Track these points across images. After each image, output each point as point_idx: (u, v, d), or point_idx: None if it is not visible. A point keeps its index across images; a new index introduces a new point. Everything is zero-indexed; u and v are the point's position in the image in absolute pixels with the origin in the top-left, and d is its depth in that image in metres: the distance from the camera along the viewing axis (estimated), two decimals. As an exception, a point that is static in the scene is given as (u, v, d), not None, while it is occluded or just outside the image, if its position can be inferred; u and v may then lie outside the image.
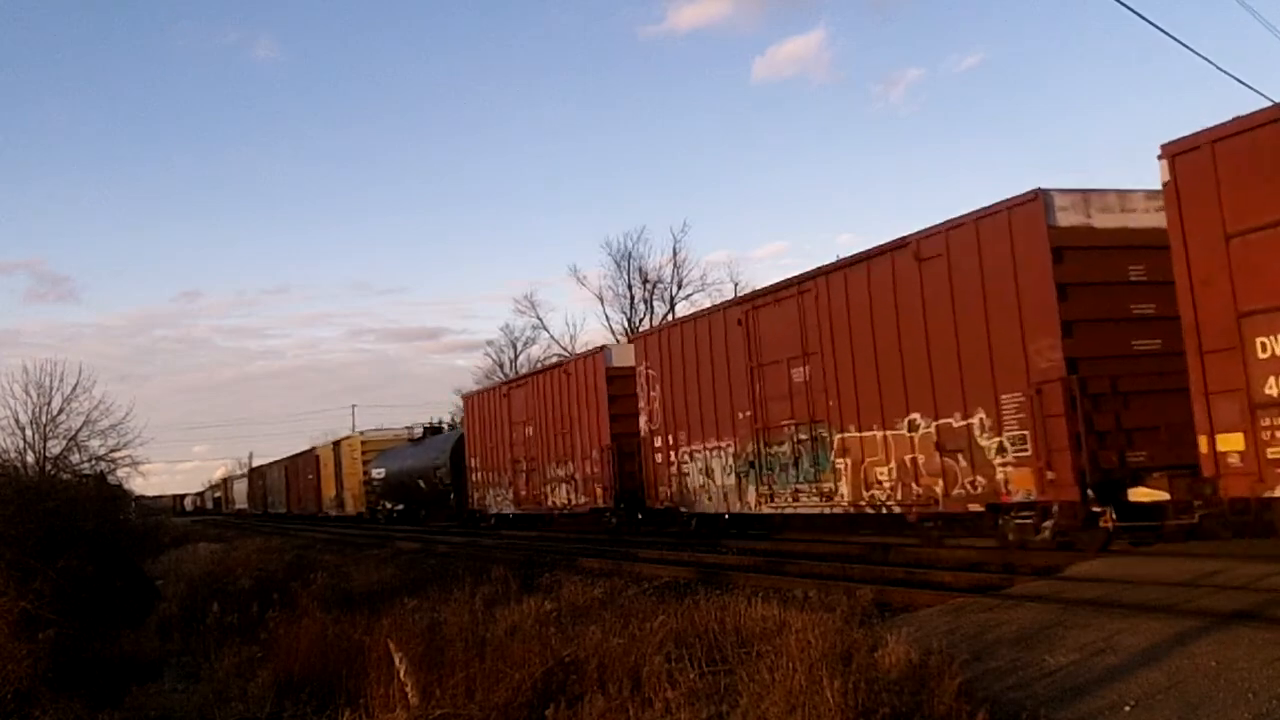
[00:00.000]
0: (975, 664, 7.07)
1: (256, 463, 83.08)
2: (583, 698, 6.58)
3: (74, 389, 29.67)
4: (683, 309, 45.50)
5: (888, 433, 13.30)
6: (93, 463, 28.58)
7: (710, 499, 17.38)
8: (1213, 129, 8.84)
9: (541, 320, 53.88)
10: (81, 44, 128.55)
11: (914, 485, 12.88)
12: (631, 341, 21.73)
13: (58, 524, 11.24)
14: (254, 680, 9.03)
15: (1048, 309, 10.99)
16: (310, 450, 51.98)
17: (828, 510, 14.78)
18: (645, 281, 48.02)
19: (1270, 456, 8.25)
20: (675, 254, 47.66)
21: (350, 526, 40.93)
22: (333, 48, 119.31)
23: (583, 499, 21.95)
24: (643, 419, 19.31)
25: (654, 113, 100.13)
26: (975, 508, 12.08)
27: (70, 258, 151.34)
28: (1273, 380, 8.28)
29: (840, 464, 14.29)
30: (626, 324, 47.53)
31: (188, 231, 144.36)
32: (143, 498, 42.77)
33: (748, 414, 16.19)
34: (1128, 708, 5.83)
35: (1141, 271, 10.98)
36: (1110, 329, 10.99)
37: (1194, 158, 8.96)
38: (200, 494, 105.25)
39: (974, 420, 11.95)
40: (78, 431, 29.38)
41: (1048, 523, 11.37)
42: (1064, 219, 11.20)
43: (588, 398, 21.52)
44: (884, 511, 13.62)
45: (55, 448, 28.80)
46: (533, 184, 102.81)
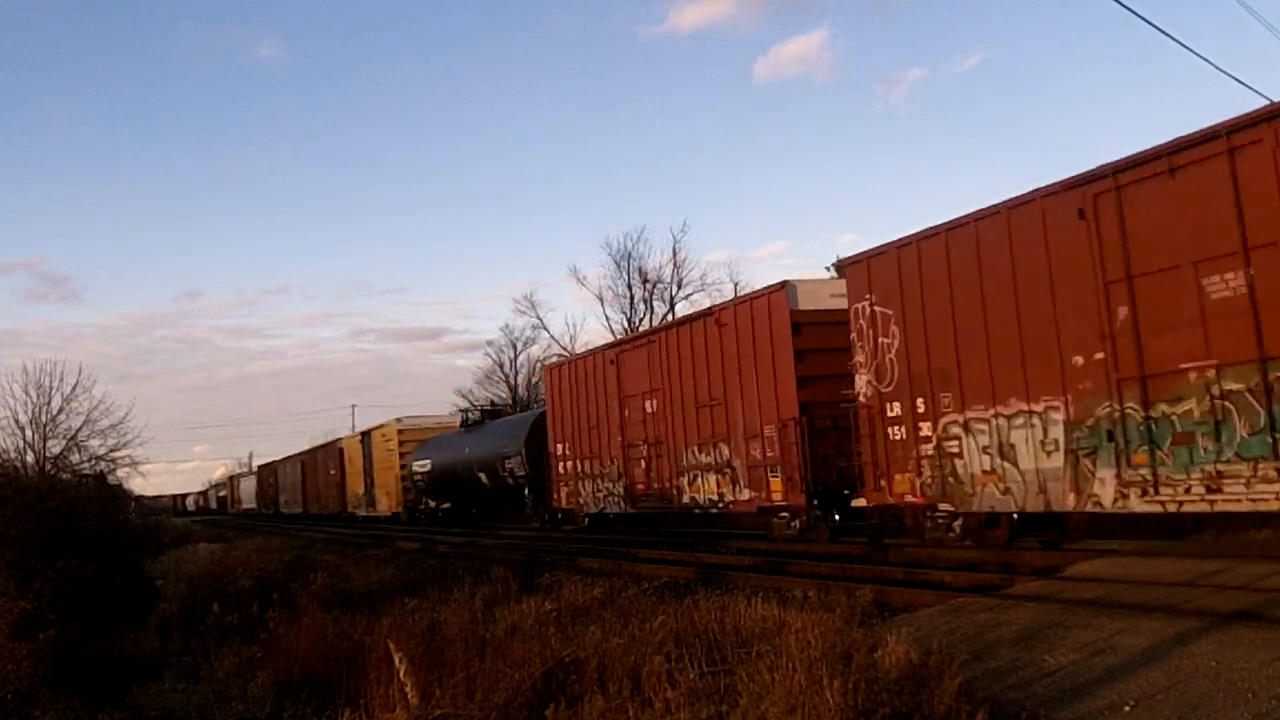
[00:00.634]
0: (975, 664, 7.07)
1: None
2: (583, 698, 6.58)
3: (74, 389, 29.81)
4: (682, 309, 45.39)
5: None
6: (92, 463, 28.70)
7: (1009, 490, 11.47)
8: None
9: (541, 320, 53.84)
10: (82, 44, 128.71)
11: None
12: (841, 268, 15.32)
13: (58, 524, 11.25)
14: (254, 680, 9.04)
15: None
16: (333, 443, 46.94)
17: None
18: (645, 281, 48.04)
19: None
20: (675, 254, 47.60)
21: (352, 526, 39.42)
22: (333, 48, 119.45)
23: (745, 494, 16.35)
24: (863, 378, 13.55)
25: (654, 113, 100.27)
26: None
27: (71, 258, 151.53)
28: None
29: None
30: (626, 324, 47.57)
31: (188, 231, 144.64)
32: (142, 498, 42.77)
33: (1099, 356, 10.44)
34: (1128, 708, 5.83)
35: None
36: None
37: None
38: (203, 493, 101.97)
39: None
40: (77, 431, 29.50)
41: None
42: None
43: (758, 354, 15.85)
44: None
45: (55, 447, 28.91)
46: (533, 184, 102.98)
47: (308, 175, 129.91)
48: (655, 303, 48.08)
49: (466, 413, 35.09)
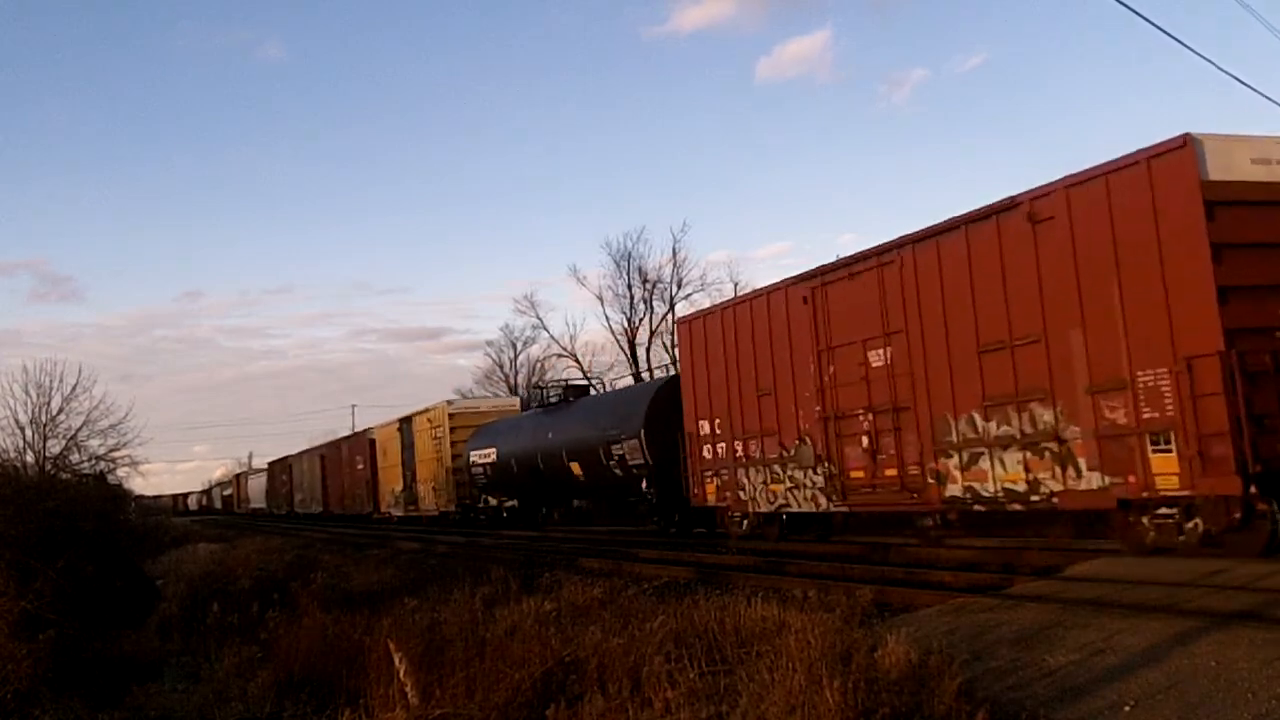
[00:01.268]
0: (975, 664, 7.07)
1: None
2: (583, 698, 6.59)
3: (74, 389, 29.74)
4: (682, 309, 45.38)
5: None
6: (92, 462, 28.64)
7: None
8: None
9: (541, 320, 53.70)
10: (85, 45, 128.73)
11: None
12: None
13: (58, 524, 11.26)
14: (254, 680, 9.05)
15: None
16: (363, 433, 41.88)
17: None
18: (645, 282, 47.92)
19: None
20: (675, 254, 47.42)
21: (357, 527, 37.18)
22: (334, 48, 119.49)
23: (1087, 479, 10.79)
24: None
25: (654, 113, 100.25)
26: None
27: (73, 258, 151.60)
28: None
29: None
30: (626, 324, 47.52)
31: (190, 231, 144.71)
32: (143, 497, 42.70)
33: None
34: (1127, 708, 5.83)
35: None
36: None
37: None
38: (206, 492, 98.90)
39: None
40: (77, 431, 29.44)
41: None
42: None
43: (1122, 257, 10.34)
44: None
45: (55, 447, 28.85)
46: (533, 184, 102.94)
47: (309, 175, 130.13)
48: (655, 303, 48.05)
49: (542, 389, 29.40)
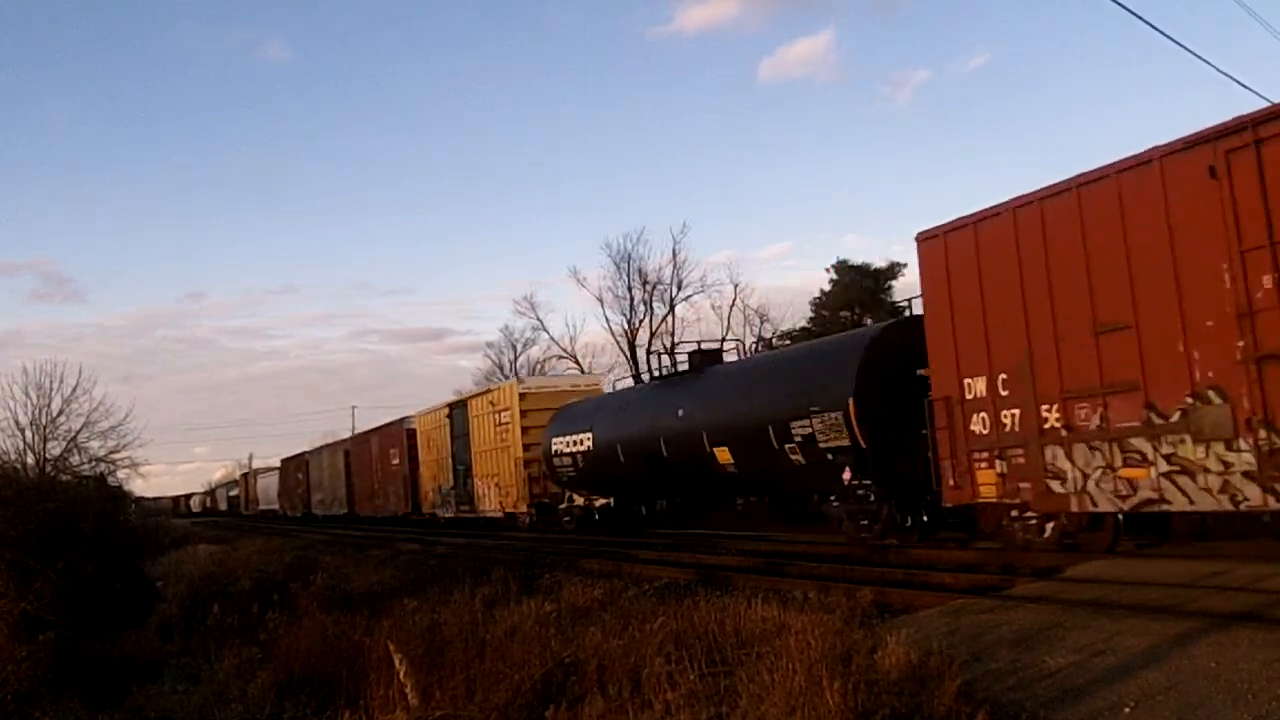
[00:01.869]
0: (975, 665, 7.07)
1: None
2: (583, 699, 6.59)
3: (74, 390, 29.71)
4: (682, 311, 45.30)
5: None
6: (92, 464, 28.64)
7: None
8: None
9: (541, 321, 53.64)
10: (86, 45, 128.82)
11: None
12: None
13: (58, 525, 11.27)
14: (254, 681, 9.04)
15: None
16: (397, 423, 36.50)
17: None
18: (645, 283, 47.90)
19: None
20: (675, 255, 47.29)
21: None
22: (336, 48, 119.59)
23: None
24: None
25: (656, 113, 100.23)
26: None
27: (75, 258, 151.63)
28: None
29: None
30: (626, 325, 47.46)
31: (193, 232, 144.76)
32: (143, 499, 42.68)
33: None
34: (1127, 709, 5.83)
35: None
36: None
37: None
38: (210, 493, 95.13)
39: None
40: (77, 433, 29.43)
41: None
42: None
43: None
44: None
45: (55, 449, 28.84)
46: (533, 184, 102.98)
47: (310, 175, 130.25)
48: (655, 304, 47.96)
49: (667, 353, 21.53)
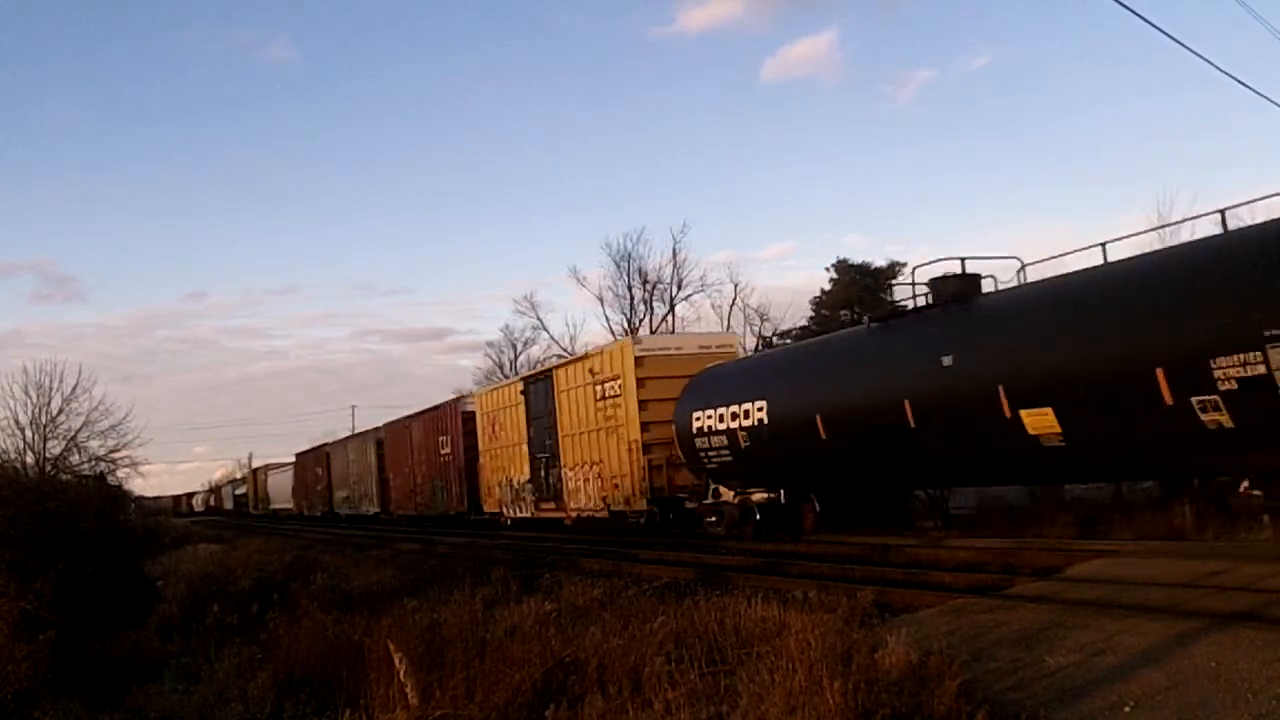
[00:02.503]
0: (975, 664, 7.06)
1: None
2: (583, 698, 6.59)
3: (74, 390, 29.80)
4: (682, 310, 45.34)
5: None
6: (92, 463, 28.67)
7: None
8: None
9: (541, 321, 53.49)
10: (88, 45, 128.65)
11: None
12: None
13: (58, 525, 11.25)
14: (254, 681, 9.04)
15: None
16: (451, 404, 30.71)
17: None
18: (645, 282, 47.88)
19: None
20: (675, 255, 47.14)
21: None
22: (336, 48, 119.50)
23: None
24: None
25: (656, 113, 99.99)
26: None
27: (77, 258, 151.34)
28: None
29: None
30: (626, 325, 47.43)
31: (194, 232, 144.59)
32: (143, 498, 42.62)
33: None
34: (1127, 708, 5.83)
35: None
36: None
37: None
38: (214, 491, 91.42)
39: None
40: (77, 432, 29.50)
41: None
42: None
43: None
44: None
45: (55, 448, 28.90)
46: (534, 184, 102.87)
47: (311, 175, 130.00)
48: (655, 303, 47.89)
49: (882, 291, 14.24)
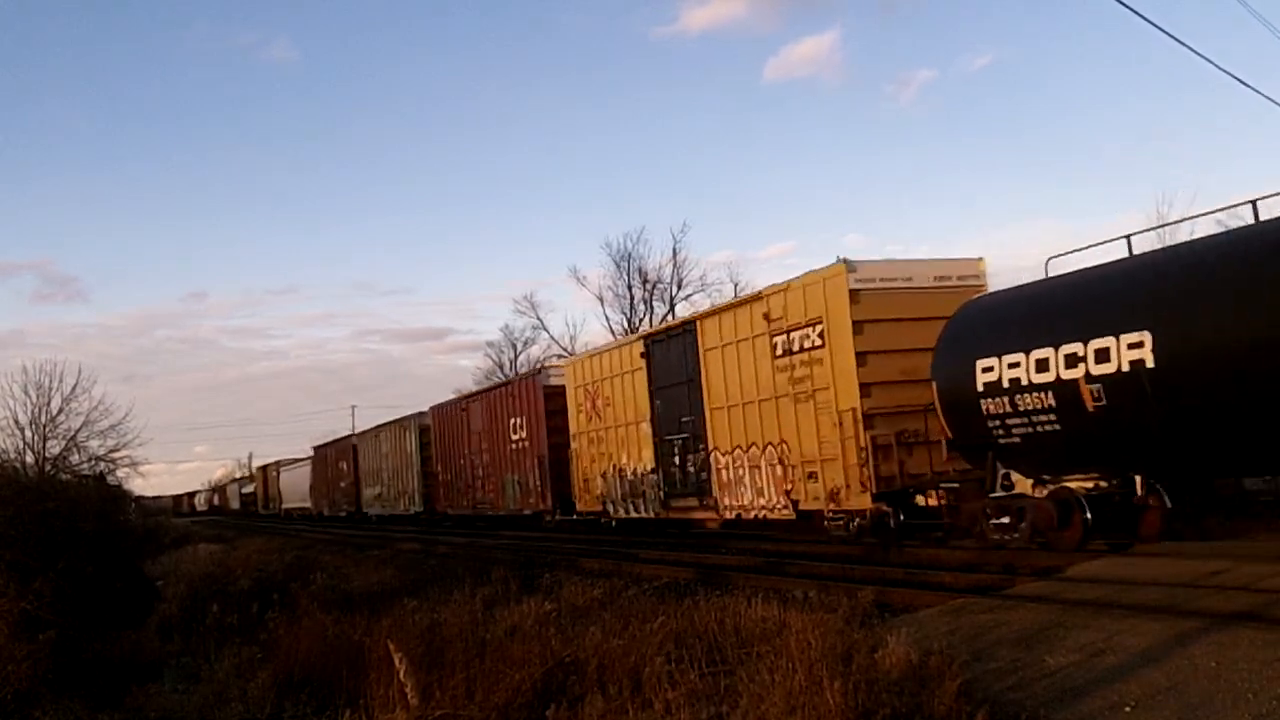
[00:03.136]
0: (975, 664, 7.06)
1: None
2: (583, 698, 6.59)
3: (74, 389, 29.88)
4: (682, 310, 45.43)
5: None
6: (92, 463, 28.70)
7: None
8: None
9: (541, 321, 53.51)
10: (89, 45, 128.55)
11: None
12: None
13: (57, 525, 11.24)
14: (254, 681, 9.04)
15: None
16: (525, 377, 24.12)
17: None
18: (645, 282, 47.95)
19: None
20: (675, 254, 47.17)
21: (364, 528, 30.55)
22: (337, 48, 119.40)
23: None
24: None
25: (658, 113, 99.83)
26: None
27: (78, 258, 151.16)
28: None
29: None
30: (626, 325, 47.49)
31: (195, 232, 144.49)
32: (143, 498, 42.61)
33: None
34: (1128, 708, 5.83)
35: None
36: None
37: None
38: (219, 489, 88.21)
39: None
40: (77, 432, 29.57)
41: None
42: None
43: None
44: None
45: (55, 448, 28.96)
46: (534, 184, 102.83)
47: (312, 175, 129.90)
48: (655, 303, 47.94)
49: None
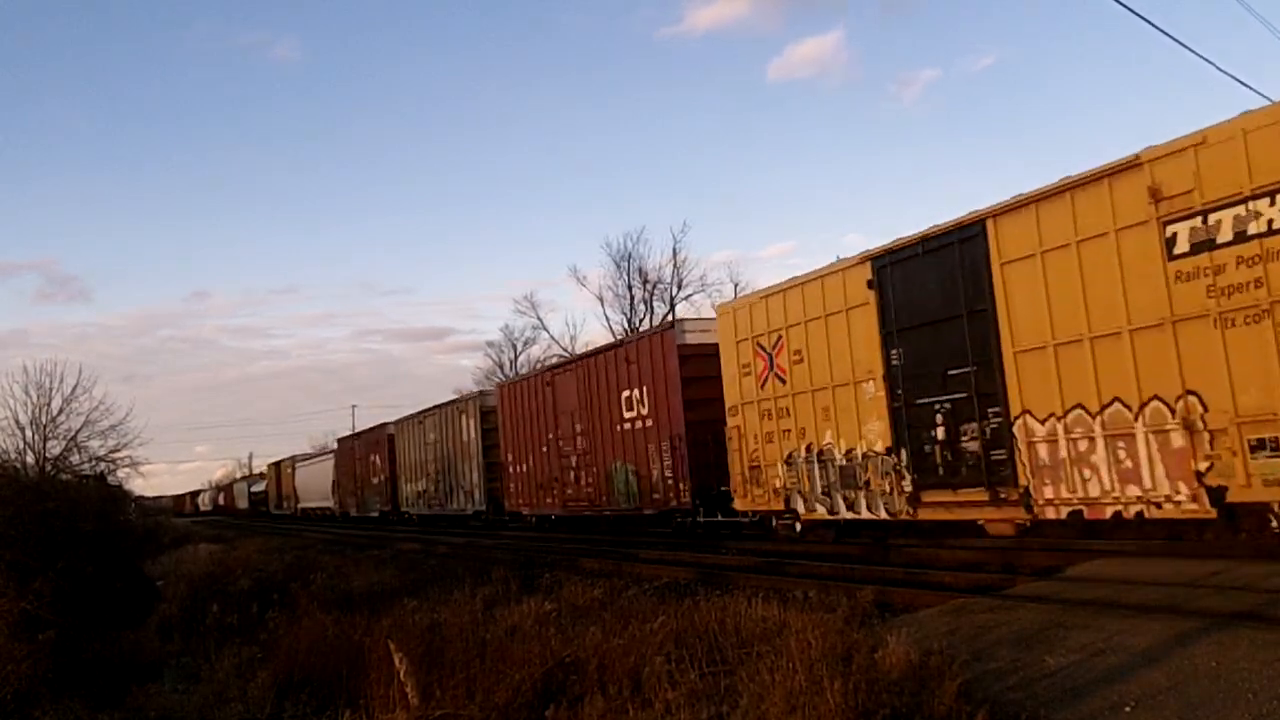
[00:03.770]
0: (975, 664, 7.06)
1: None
2: (583, 698, 6.59)
3: (74, 389, 29.84)
4: (683, 309, 45.42)
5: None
6: (92, 463, 28.69)
7: None
8: None
9: (541, 321, 53.68)
10: (92, 45, 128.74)
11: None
12: None
13: (58, 525, 11.25)
14: (254, 681, 9.04)
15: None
16: (646, 336, 19.79)
17: None
18: (645, 282, 48.00)
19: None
20: (675, 254, 47.23)
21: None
22: (338, 49, 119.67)
23: None
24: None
25: (659, 113, 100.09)
26: None
27: (80, 258, 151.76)
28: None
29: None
30: (626, 325, 47.55)
31: (197, 232, 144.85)
32: (143, 498, 42.57)
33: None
34: (1128, 708, 5.82)
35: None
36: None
37: None
38: (225, 488, 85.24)
39: None
40: (77, 432, 29.53)
41: None
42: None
43: None
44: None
45: (55, 448, 28.94)
46: (534, 184, 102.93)
47: (314, 176, 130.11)
48: (655, 303, 47.96)
49: None
